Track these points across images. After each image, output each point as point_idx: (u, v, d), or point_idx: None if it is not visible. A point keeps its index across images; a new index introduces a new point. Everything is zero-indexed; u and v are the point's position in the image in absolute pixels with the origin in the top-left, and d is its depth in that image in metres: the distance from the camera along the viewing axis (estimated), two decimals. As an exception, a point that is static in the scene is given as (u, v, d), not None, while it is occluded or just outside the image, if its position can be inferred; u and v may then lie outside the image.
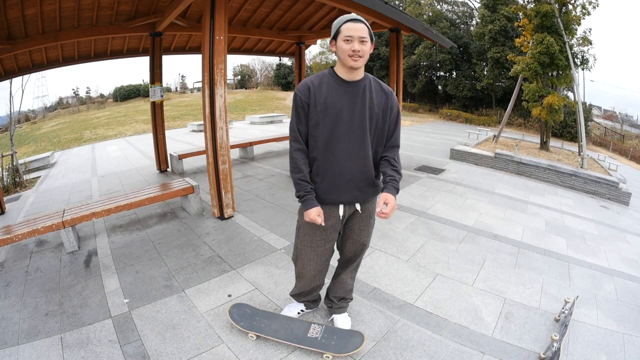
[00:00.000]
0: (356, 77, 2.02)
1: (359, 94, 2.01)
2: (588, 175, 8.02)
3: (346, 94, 2.00)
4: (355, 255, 2.40)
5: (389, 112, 2.09)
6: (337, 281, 2.56)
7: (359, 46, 1.89)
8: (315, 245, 2.25)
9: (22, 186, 8.25)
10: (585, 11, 11.38)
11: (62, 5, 5.47)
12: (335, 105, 1.99)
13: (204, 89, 4.55)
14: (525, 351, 2.47)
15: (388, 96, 2.09)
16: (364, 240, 2.33)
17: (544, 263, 3.90)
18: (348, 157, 2.03)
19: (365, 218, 2.26)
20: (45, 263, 3.81)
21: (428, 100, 33.10)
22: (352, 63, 1.92)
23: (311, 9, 8.29)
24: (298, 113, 2.05)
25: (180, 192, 4.94)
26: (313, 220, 2.04)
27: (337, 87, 2.01)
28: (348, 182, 2.07)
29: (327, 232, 2.22)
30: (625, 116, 38.20)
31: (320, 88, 2.01)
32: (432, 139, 14.99)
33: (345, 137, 2.01)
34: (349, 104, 2.00)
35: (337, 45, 1.95)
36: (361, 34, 1.89)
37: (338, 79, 2.02)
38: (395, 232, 4.44)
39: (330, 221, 2.17)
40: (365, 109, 2.01)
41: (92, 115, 30.79)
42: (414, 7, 29.63)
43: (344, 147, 2.02)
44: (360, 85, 2.02)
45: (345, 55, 1.91)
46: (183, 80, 53.71)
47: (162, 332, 2.60)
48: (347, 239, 2.33)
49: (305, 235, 2.26)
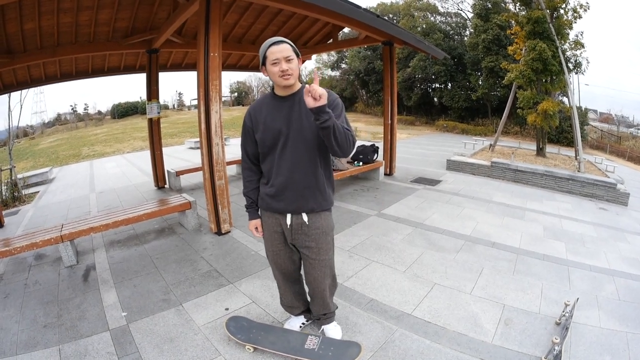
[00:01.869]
0: (291, 91, 2.10)
1: (295, 104, 2.08)
2: (585, 178, 8.03)
3: (283, 109, 2.09)
4: (317, 277, 2.36)
5: None
6: (315, 303, 2.56)
7: (287, 65, 1.98)
8: (277, 248, 2.36)
9: (21, 201, 8.26)
10: (576, 15, 11.49)
11: (60, 21, 5.56)
12: (274, 121, 2.09)
13: (200, 105, 4.59)
14: (527, 356, 2.46)
15: None
16: (323, 257, 2.30)
17: (543, 268, 3.90)
18: (293, 168, 2.10)
19: (320, 235, 2.24)
20: (44, 276, 3.81)
21: (424, 112, 33.32)
22: (284, 82, 2.01)
23: (305, 25, 8.42)
24: (245, 136, 2.25)
25: (177, 207, 4.95)
26: (252, 231, 2.38)
27: (274, 104, 2.12)
28: (293, 192, 2.14)
29: (282, 238, 2.31)
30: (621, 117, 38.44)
31: (261, 110, 2.15)
32: (429, 150, 15.05)
33: (287, 149, 2.09)
34: (286, 116, 2.08)
35: (267, 69, 2.03)
36: (286, 54, 1.97)
37: (275, 97, 2.14)
38: (391, 244, 4.44)
39: (280, 228, 2.28)
40: (302, 119, 2.06)
41: (90, 131, 31.01)
42: (408, 20, 30.04)
43: (289, 159, 2.10)
44: (296, 97, 2.09)
45: (277, 77, 2.01)
46: (180, 97, 54.17)
47: (159, 344, 2.60)
48: (306, 259, 2.33)
49: (267, 241, 2.38)
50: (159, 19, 6.48)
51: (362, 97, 39.82)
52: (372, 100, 37.99)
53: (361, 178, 8.05)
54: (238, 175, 8.86)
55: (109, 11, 5.80)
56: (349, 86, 39.31)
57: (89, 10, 5.57)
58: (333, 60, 39.94)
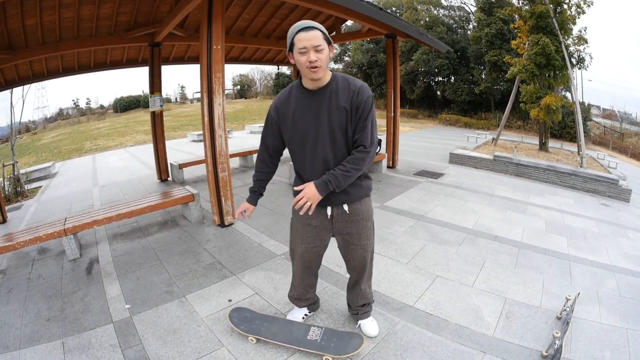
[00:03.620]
0: (321, 84, 1.98)
1: (324, 100, 1.97)
2: (587, 173, 8.01)
3: (313, 104, 1.99)
4: (359, 263, 2.36)
5: (355, 109, 1.96)
6: (355, 293, 2.54)
7: (315, 55, 1.83)
8: (306, 241, 2.28)
9: (24, 195, 8.29)
10: (580, 10, 11.40)
11: (61, 16, 5.54)
12: (303, 117, 2.00)
13: (203, 97, 4.59)
14: (527, 349, 2.47)
15: (356, 92, 1.95)
16: (365, 243, 2.28)
17: (545, 262, 3.90)
18: (323, 164, 2.03)
19: (361, 221, 2.23)
20: (47, 270, 3.84)
21: (427, 105, 33.16)
22: (311, 75, 1.88)
23: (308, 17, 8.33)
24: (267, 128, 2.17)
25: (180, 200, 4.97)
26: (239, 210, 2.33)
27: (303, 98, 2.01)
28: None
29: (317, 230, 2.24)
30: (624, 114, 38.20)
31: (288, 103, 2.04)
32: (431, 144, 15.01)
33: (317, 145, 2.01)
34: (316, 113, 1.99)
35: (295, 58, 1.90)
36: (315, 43, 1.82)
37: (304, 90, 2.02)
38: (394, 236, 4.45)
39: (319, 219, 2.21)
40: (332, 114, 1.97)
41: (93, 126, 31.02)
42: (411, 13, 29.83)
43: (318, 155, 2.02)
44: (326, 92, 1.98)
45: (304, 68, 1.88)
46: (183, 91, 54.09)
47: (163, 336, 2.62)
48: (347, 245, 2.29)
49: (298, 232, 2.30)
50: (161, 13, 6.46)
51: (365, 91, 39.64)
52: (375, 93, 37.77)
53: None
54: (241, 168, 8.89)
55: (110, 5, 5.78)
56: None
57: (90, 5, 5.56)
58: (336, 53, 39.71)
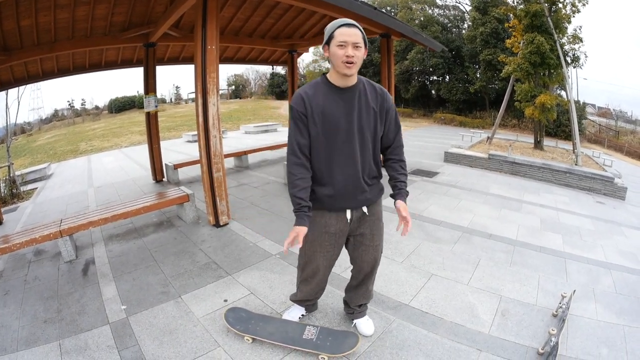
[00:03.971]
0: (350, 82, 1.98)
1: (354, 99, 1.98)
2: (583, 172, 8.07)
3: (342, 101, 1.97)
4: (370, 265, 2.34)
5: (384, 112, 2.08)
6: (358, 292, 2.53)
7: (353, 51, 1.84)
8: (325, 250, 2.23)
9: (19, 197, 8.24)
10: (575, 9, 11.50)
11: (56, 17, 5.51)
12: (333, 114, 1.96)
13: (197, 98, 4.59)
14: (523, 347, 2.48)
15: (383, 97, 2.06)
16: (377, 243, 2.29)
17: (540, 260, 3.93)
18: (351, 164, 2.02)
19: (375, 221, 2.24)
20: (44, 272, 3.82)
21: (422, 105, 33.20)
22: (345, 70, 1.88)
23: (303, 17, 8.36)
24: (297, 125, 1.99)
25: (176, 200, 4.97)
26: (294, 238, 1.96)
27: (332, 95, 1.98)
28: (354, 189, 2.07)
29: (336, 237, 2.20)
30: (619, 112, 38.39)
31: (316, 98, 1.97)
32: (426, 142, 15.05)
33: (346, 145, 2.00)
34: (346, 111, 1.97)
35: (331, 50, 1.89)
36: (355, 40, 1.84)
37: (332, 87, 1.99)
38: (389, 235, 4.41)
39: (338, 225, 2.16)
40: (362, 113, 1.99)
41: (88, 127, 30.87)
42: (406, 13, 29.85)
43: (347, 154, 2.01)
44: (355, 91, 1.99)
45: (339, 62, 1.86)
46: (177, 91, 53.84)
47: (159, 337, 2.62)
48: (359, 246, 2.27)
49: (315, 241, 2.21)
50: (156, 13, 6.44)
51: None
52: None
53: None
54: (236, 168, 8.88)
55: (105, 6, 5.75)
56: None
57: (85, 5, 5.52)
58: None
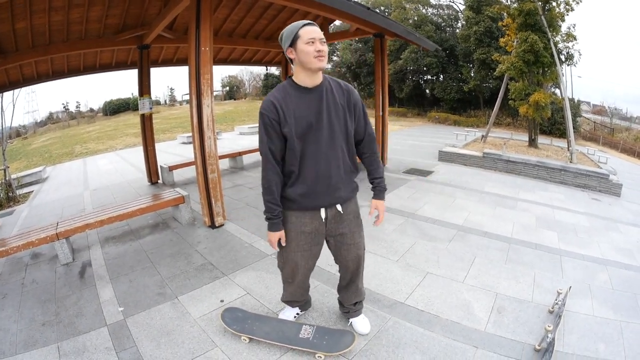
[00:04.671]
0: (317, 81, 2.03)
1: (322, 97, 2.03)
2: (578, 169, 8.11)
3: (311, 101, 2.02)
4: (354, 262, 2.37)
5: (352, 107, 2.13)
6: (349, 291, 2.54)
7: (322, 46, 1.92)
8: (302, 249, 2.25)
9: (15, 201, 8.19)
10: (568, 7, 11.54)
11: (51, 19, 5.51)
12: (303, 115, 2.00)
13: (191, 99, 4.59)
14: (520, 343, 2.49)
15: (349, 92, 2.12)
16: (357, 241, 2.31)
17: (536, 257, 3.95)
18: (324, 162, 2.06)
19: (352, 219, 2.26)
20: (41, 275, 3.81)
21: (416, 104, 33.29)
22: (318, 64, 1.93)
23: (296, 18, 8.36)
24: (268, 132, 2.01)
25: (171, 202, 4.96)
26: (271, 244, 2.18)
27: (301, 96, 2.01)
28: (327, 186, 2.09)
29: (312, 236, 2.22)
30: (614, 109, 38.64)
31: (286, 101, 1.99)
32: (421, 142, 15.09)
33: (318, 143, 2.04)
34: (316, 110, 2.02)
35: (298, 49, 1.93)
36: (320, 36, 1.93)
37: (300, 88, 2.02)
38: (384, 234, 4.47)
39: (313, 224, 2.19)
40: (331, 110, 2.04)
41: (83, 129, 30.74)
42: (399, 12, 29.91)
43: (319, 153, 2.04)
44: (322, 89, 2.04)
45: (311, 57, 1.91)
46: (172, 93, 53.67)
47: (156, 338, 2.62)
48: (340, 246, 2.29)
49: (292, 242, 2.23)
50: (149, 15, 6.44)
51: (354, 90, 39.74)
52: (364, 93, 37.85)
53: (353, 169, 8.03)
54: (231, 169, 8.87)
55: (99, 8, 5.75)
56: (341, 79, 38.95)
57: (79, 8, 5.52)
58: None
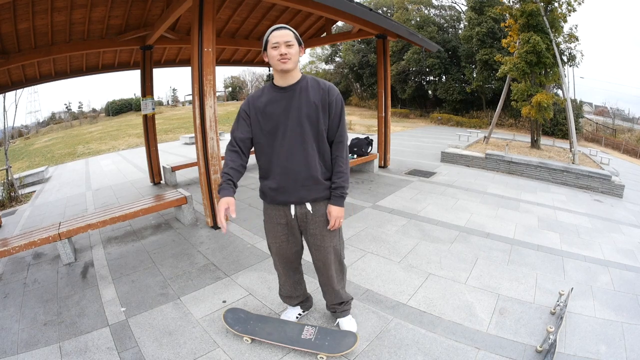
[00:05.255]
0: (291, 81, 2.13)
1: (295, 96, 2.11)
2: (580, 170, 8.07)
3: (283, 99, 2.11)
4: (322, 263, 2.38)
5: (327, 107, 2.15)
6: (327, 292, 2.57)
7: (286, 49, 2.02)
8: (279, 240, 2.35)
9: (18, 201, 8.25)
10: (570, 8, 11.51)
11: (54, 20, 5.53)
12: (273, 112, 2.11)
13: (194, 100, 4.59)
14: (522, 345, 2.48)
15: (326, 91, 2.15)
16: (327, 245, 2.31)
17: (538, 258, 3.93)
18: (291, 158, 2.12)
19: (322, 221, 2.27)
20: (43, 275, 3.82)
21: (418, 105, 33.32)
22: (281, 66, 2.04)
23: (299, 19, 8.40)
24: (239, 121, 2.20)
25: (173, 202, 4.97)
26: (219, 210, 2.00)
27: (274, 94, 2.14)
28: (294, 182, 2.15)
29: (287, 228, 2.30)
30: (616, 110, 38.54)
31: (260, 99, 2.15)
32: (423, 143, 15.07)
33: (286, 140, 2.10)
34: (286, 107, 2.10)
35: (268, 54, 2.08)
36: (286, 39, 2.03)
37: (275, 88, 2.15)
38: (386, 235, 4.47)
39: (287, 218, 2.27)
40: (302, 108, 2.09)
41: (85, 130, 30.86)
42: (402, 13, 29.96)
43: (286, 149, 2.11)
44: (296, 88, 2.12)
45: (275, 60, 2.04)
46: (174, 94, 53.84)
47: (158, 338, 2.62)
48: (311, 246, 2.36)
49: (269, 232, 2.37)
50: (152, 16, 6.46)
51: (357, 91, 39.78)
52: (366, 94, 38.02)
53: (356, 170, 8.09)
54: (233, 170, 8.86)
55: (102, 9, 5.77)
56: (343, 80, 39.28)
57: (82, 9, 5.55)
58: (327, 53, 39.78)
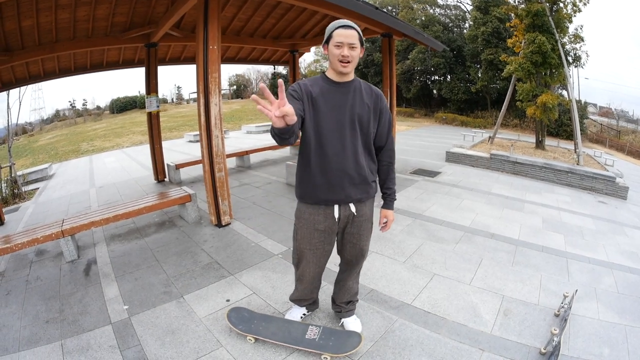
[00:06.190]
0: (346, 79, 2.08)
1: (349, 93, 2.06)
2: (584, 171, 8.04)
3: (337, 93, 2.05)
4: (355, 259, 2.40)
5: (378, 112, 2.15)
6: (341, 287, 2.58)
7: (348, 52, 1.95)
8: (314, 247, 2.26)
9: (21, 197, 8.26)
10: (576, 8, 11.46)
11: (58, 17, 5.53)
12: (326, 103, 2.03)
13: (199, 98, 4.59)
14: (526, 347, 2.47)
15: (378, 97, 2.15)
16: (363, 244, 2.33)
17: (542, 259, 3.92)
18: (340, 154, 2.05)
19: (363, 222, 2.26)
20: (45, 272, 3.82)
21: (423, 104, 33.28)
22: (341, 68, 1.99)
23: (304, 17, 8.38)
24: (290, 99, 1.88)
25: (177, 200, 4.96)
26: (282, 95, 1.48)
27: (328, 87, 2.06)
28: (341, 179, 2.08)
29: (325, 234, 2.23)
30: (621, 112, 38.37)
31: (312, 88, 2.04)
32: (428, 142, 15.05)
33: (335, 134, 2.04)
34: (340, 102, 2.05)
35: (329, 49, 2.01)
36: (350, 40, 1.95)
37: (329, 81, 2.08)
38: (391, 235, 4.44)
39: (327, 222, 2.19)
40: (356, 106, 2.06)
41: (89, 127, 30.97)
42: (407, 12, 29.90)
43: (335, 144, 2.04)
44: (351, 86, 2.08)
45: (336, 60, 1.98)
46: (179, 91, 54.06)
47: (161, 337, 2.62)
48: (346, 243, 2.32)
49: (304, 238, 2.26)
50: (157, 13, 6.45)
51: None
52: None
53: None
54: (238, 168, 8.90)
55: (106, 6, 5.77)
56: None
57: (86, 6, 5.55)
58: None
